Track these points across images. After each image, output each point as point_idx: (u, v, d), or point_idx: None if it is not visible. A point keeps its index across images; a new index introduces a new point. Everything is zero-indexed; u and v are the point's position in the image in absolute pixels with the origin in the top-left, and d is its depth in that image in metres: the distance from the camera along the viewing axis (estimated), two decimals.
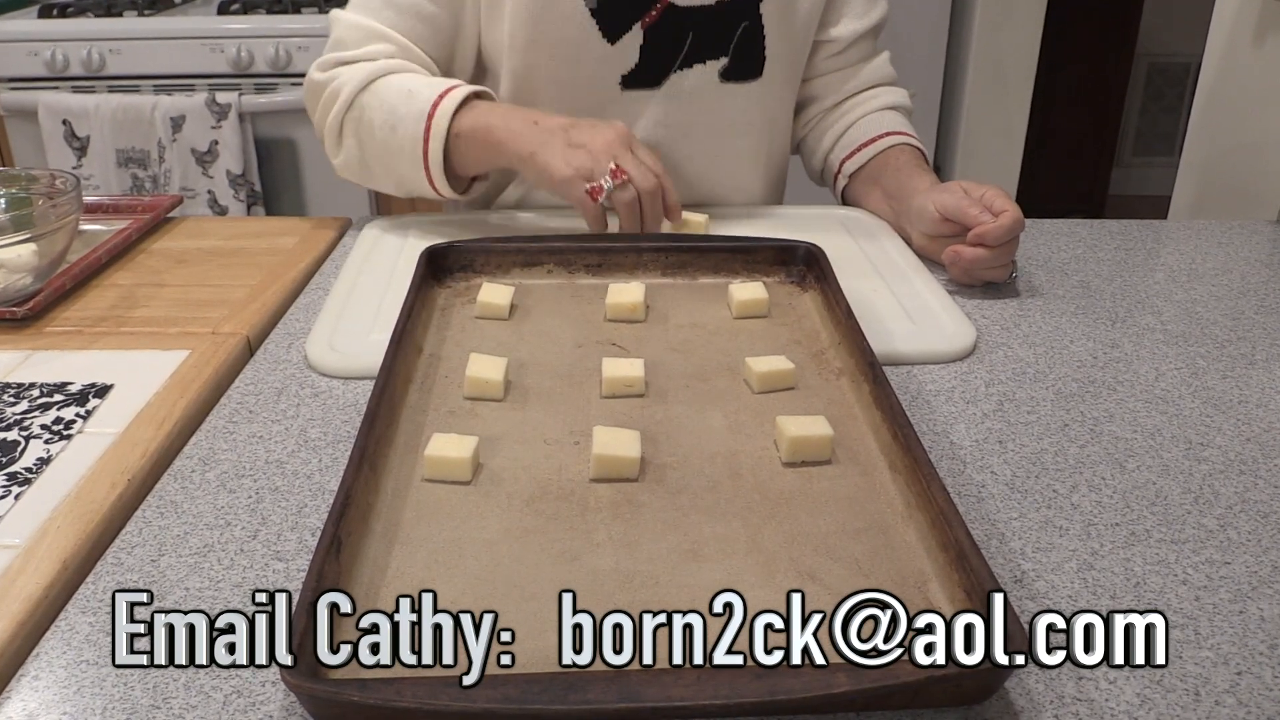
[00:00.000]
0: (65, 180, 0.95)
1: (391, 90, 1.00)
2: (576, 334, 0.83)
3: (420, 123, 0.97)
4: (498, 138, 0.96)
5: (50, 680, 0.52)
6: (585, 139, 0.92)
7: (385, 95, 1.00)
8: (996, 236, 0.91)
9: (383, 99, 1.00)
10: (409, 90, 0.99)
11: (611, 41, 1.03)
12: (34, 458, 0.68)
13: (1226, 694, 0.50)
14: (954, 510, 0.56)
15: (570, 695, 0.45)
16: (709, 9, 1.04)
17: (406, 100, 0.99)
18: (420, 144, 0.98)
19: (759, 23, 1.06)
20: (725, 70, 1.07)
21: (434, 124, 0.97)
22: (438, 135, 0.97)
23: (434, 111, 0.97)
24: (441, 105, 0.97)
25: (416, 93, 0.99)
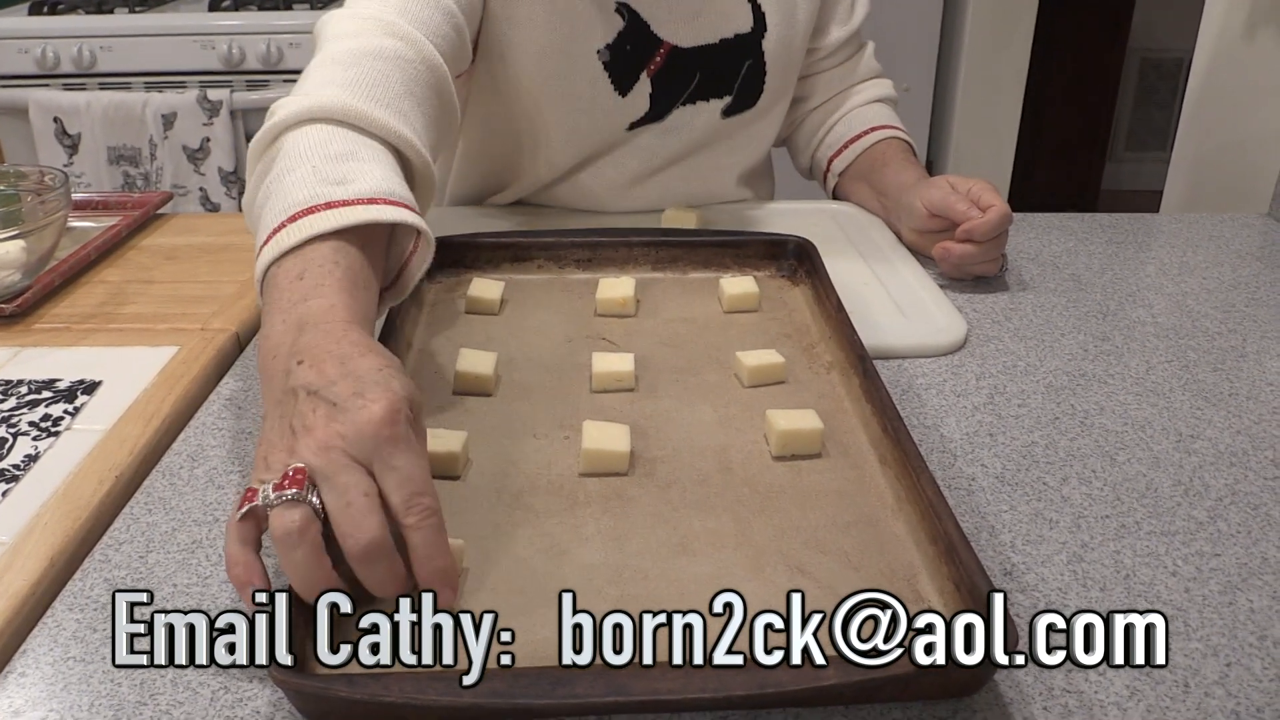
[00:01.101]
0: (54, 177, 0.95)
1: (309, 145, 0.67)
2: (566, 328, 0.82)
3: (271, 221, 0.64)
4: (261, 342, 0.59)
5: (37, 677, 0.51)
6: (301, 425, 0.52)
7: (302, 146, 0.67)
8: (984, 232, 0.91)
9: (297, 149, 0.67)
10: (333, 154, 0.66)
11: (623, 94, 1.02)
12: (22, 455, 0.68)
13: (1216, 685, 0.51)
14: (944, 503, 0.56)
15: (558, 689, 0.45)
16: (713, 48, 1.03)
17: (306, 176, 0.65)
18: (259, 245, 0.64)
19: (761, 60, 1.06)
20: (728, 108, 1.07)
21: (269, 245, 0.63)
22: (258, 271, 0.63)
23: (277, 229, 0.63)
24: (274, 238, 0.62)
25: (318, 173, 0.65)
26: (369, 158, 0.67)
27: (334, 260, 0.61)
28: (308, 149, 0.67)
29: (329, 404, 0.52)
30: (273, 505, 0.49)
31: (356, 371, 0.53)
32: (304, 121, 0.69)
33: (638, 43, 1.00)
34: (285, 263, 0.61)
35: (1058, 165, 3.54)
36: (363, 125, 0.70)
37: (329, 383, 0.53)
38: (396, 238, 0.70)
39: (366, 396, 0.51)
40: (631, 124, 1.04)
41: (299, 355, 0.55)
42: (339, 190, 0.63)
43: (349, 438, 0.50)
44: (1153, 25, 3.61)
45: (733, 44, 1.04)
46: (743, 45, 1.04)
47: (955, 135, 2.77)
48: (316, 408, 0.52)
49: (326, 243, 0.61)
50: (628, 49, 1.00)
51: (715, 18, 1.02)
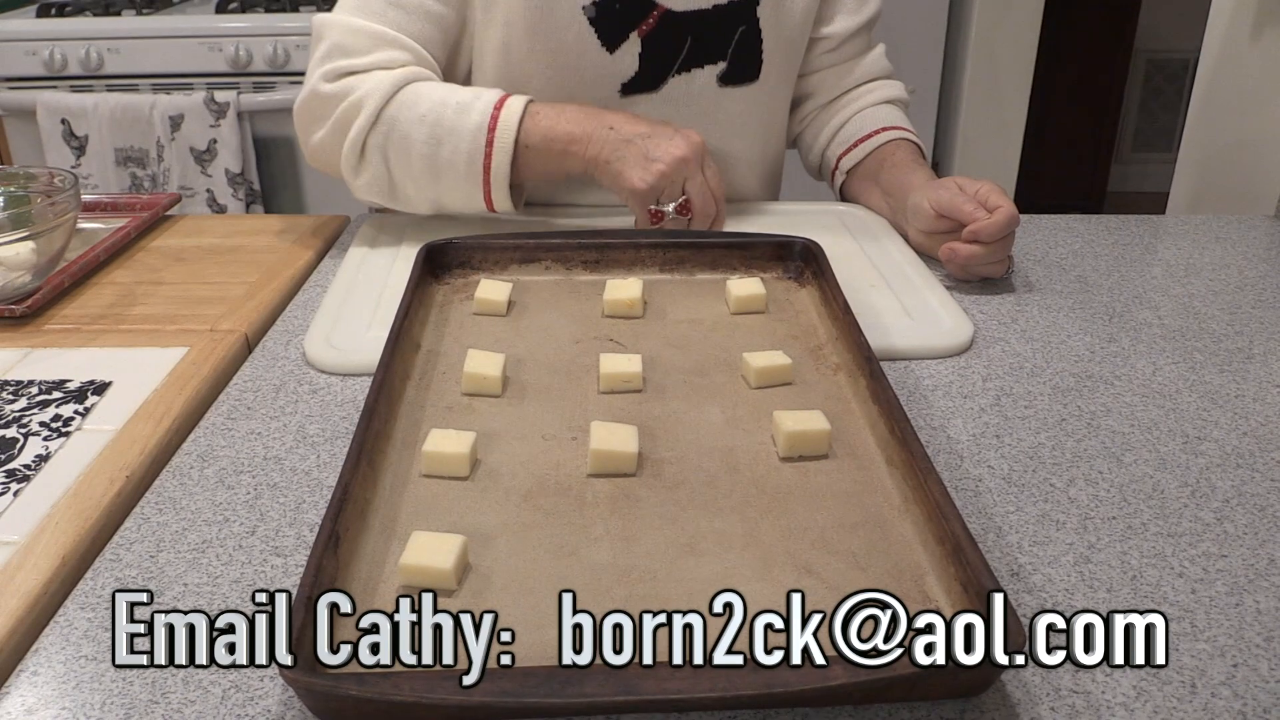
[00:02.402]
0: (63, 178, 0.95)
1: (427, 102, 0.96)
2: (574, 330, 0.83)
3: (479, 136, 0.94)
4: (573, 147, 0.95)
5: (49, 676, 0.52)
6: (661, 152, 0.94)
7: (421, 108, 0.95)
8: (991, 233, 0.91)
9: (419, 113, 0.95)
10: (454, 103, 0.95)
11: (610, 50, 1.02)
12: (33, 455, 0.69)
13: (1223, 686, 0.51)
14: (951, 504, 0.56)
15: (567, 689, 0.46)
16: (705, 13, 1.04)
17: (456, 114, 0.95)
18: (480, 159, 0.95)
19: (756, 26, 1.06)
20: (724, 74, 1.07)
21: (497, 137, 0.94)
22: (503, 149, 0.94)
23: (495, 124, 0.94)
24: (503, 117, 0.95)
25: (466, 105, 0.95)
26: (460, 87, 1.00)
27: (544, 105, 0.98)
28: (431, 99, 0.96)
29: (667, 139, 0.95)
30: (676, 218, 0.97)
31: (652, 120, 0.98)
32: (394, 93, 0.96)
33: (629, 1, 1.02)
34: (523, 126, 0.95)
35: (1064, 167, 3.53)
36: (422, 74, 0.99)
37: (649, 131, 0.96)
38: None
39: (686, 131, 0.97)
40: (623, 86, 1.05)
41: (608, 125, 0.96)
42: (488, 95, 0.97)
43: (696, 151, 0.96)
44: (1159, 26, 3.61)
45: (726, 10, 1.04)
46: (736, 11, 1.05)
47: (961, 136, 2.77)
48: (660, 143, 0.95)
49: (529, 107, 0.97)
50: (616, 7, 1.01)
51: None
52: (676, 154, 0.93)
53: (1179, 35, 3.64)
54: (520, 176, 0.98)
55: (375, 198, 1.00)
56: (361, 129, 0.95)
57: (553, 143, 0.95)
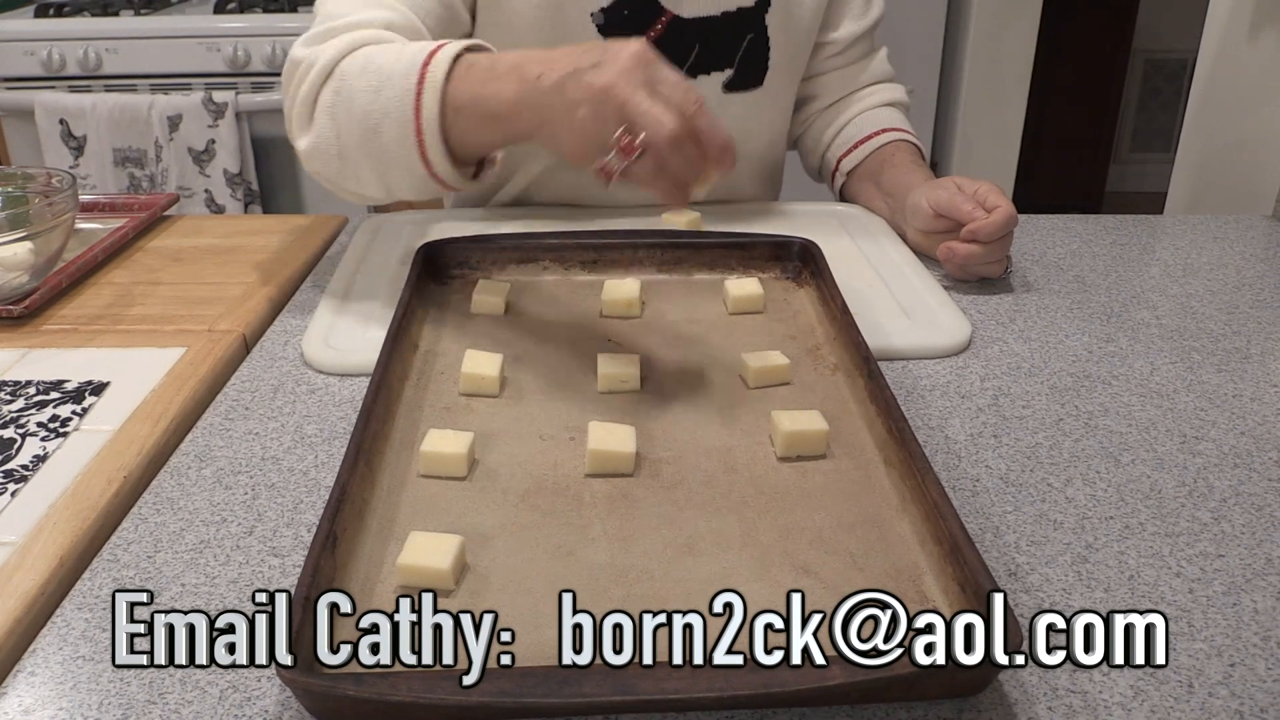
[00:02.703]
0: (61, 179, 0.95)
1: (380, 53, 0.82)
2: (572, 330, 0.83)
3: (411, 75, 0.79)
4: (505, 112, 0.75)
5: (46, 676, 0.52)
6: (581, 91, 0.69)
7: (373, 57, 0.82)
8: (989, 233, 0.91)
9: (369, 61, 0.82)
10: (398, 50, 0.82)
11: None
12: (30, 455, 0.68)
13: (1220, 685, 0.51)
14: (948, 504, 0.56)
15: (565, 688, 0.46)
16: (714, 20, 1.04)
17: (396, 56, 0.81)
18: (410, 104, 0.79)
19: (764, 34, 1.06)
20: (729, 81, 1.07)
21: (428, 76, 0.78)
22: (432, 89, 0.78)
23: (428, 62, 0.79)
24: (438, 55, 0.79)
25: (405, 51, 0.81)
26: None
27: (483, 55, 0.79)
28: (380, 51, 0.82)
29: (591, 67, 0.68)
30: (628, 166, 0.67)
31: (587, 46, 0.71)
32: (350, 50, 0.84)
33: (637, 8, 1.01)
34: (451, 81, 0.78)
35: (1062, 167, 3.54)
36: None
37: (581, 54, 0.70)
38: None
39: (614, 48, 0.69)
40: None
41: (535, 77, 0.72)
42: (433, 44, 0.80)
43: (626, 70, 0.67)
44: (1157, 26, 3.61)
45: (735, 16, 1.04)
46: (745, 18, 1.05)
47: (959, 136, 2.77)
48: (582, 76, 0.68)
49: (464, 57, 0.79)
50: (625, 13, 1.00)
51: None
52: (598, 85, 0.67)
53: (1177, 35, 3.64)
54: (459, 143, 0.81)
55: (321, 165, 0.87)
56: (313, 82, 0.84)
57: (483, 106, 0.77)
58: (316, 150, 0.85)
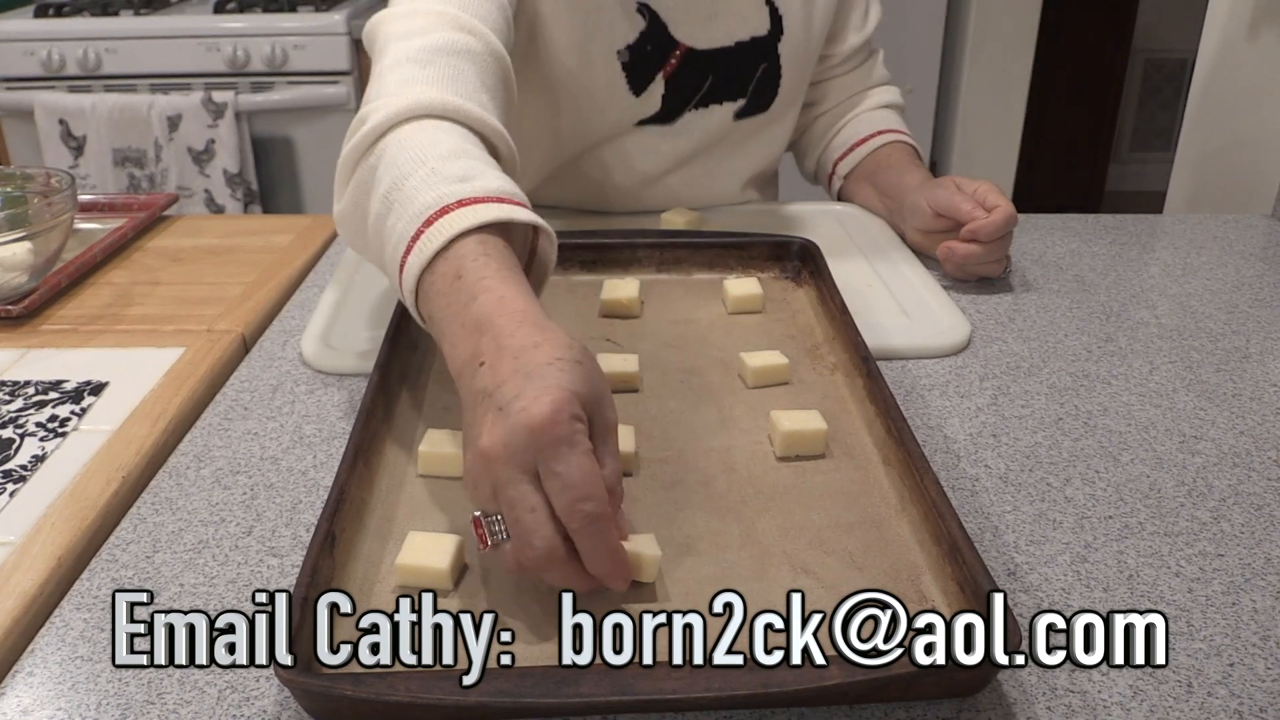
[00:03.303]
0: (60, 179, 0.95)
1: (420, 143, 0.67)
2: (571, 329, 0.82)
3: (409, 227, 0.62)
4: (443, 344, 0.60)
5: (45, 676, 0.52)
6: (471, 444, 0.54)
7: (410, 145, 0.67)
8: (989, 232, 0.91)
9: (402, 150, 0.67)
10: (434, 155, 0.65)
11: (637, 94, 1.02)
12: (29, 455, 0.68)
13: (1219, 685, 0.51)
14: (947, 504, 0.56)
15: (563, 688, 0.46)
16: (728, 51, 1.03)
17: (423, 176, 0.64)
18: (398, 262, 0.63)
19: (777, 63, 1.06)
20: (740, 110, 1.07)
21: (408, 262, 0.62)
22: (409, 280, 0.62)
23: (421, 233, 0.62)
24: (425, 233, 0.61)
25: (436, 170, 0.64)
26: (478, 155, 0.67)
27: (484, 253, 0.60)
28: (419, 150, 0.66)
29: (496, 409, 0.52)
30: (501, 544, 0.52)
31: (526, 368, 0.53)
32: (402, 122, 0.68)
33: (656, 43, 1.00)
34: (437, 267, 0.60)
35: (1062, 166, 3.53)
36: (459, 119, 0.70)
37: (499, 383, 0.53)
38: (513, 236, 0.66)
39: (526, 398, 0.51)
40: (640, 121, 1.04)
41: (480, 357, 0.55)
42: (466, 187, 0.62)
43: (511, 445, 0.50)
44: (1157, 26, 3.61)
45: (748, 47, 1.04)
46: (758, 49, 1.04)
47: (959, 136, 2.77)
48: (488, 413, 0.52)
49: (470, 238, 0.60)
50: (647, 49, 1.00)
51: (732, 20, 1.02)
52: (479, 448, 0.52)
53: (1177, 35, 3.64)
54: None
55: (346, 235, 0.74)
56: (360, 145, 0.70)
57: (436, 330, 0.61)
58: (343, 221, 0.73)
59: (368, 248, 0.70)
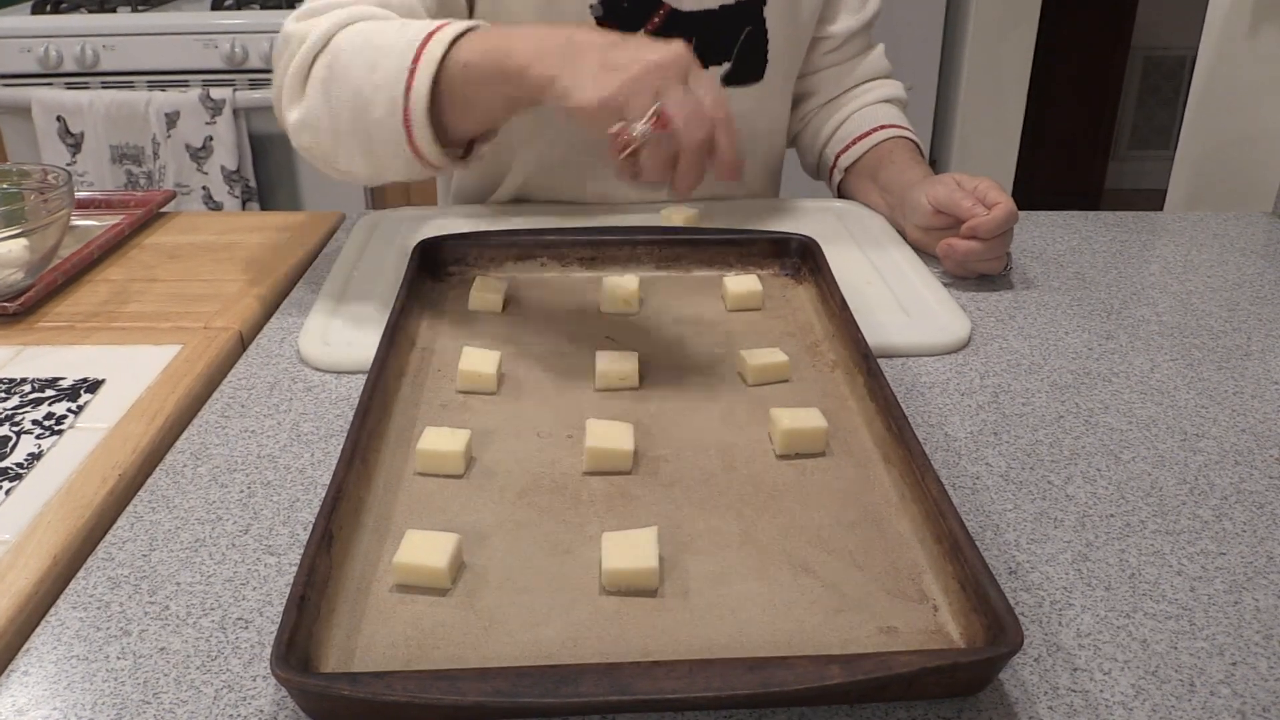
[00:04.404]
0: (57, 175, 0.95)
1: (379, 30, 0.79)
2: (570, 327, 0.82)
3: (407, 53, 0.75)
4: (517, 60, 0.71)
5: (40, 675, 0.51)
6: (625, 59, 0.67)
7: (371, 32, 0.79)
8: (989, 229, 0.90)
9: (367, 35, 0.79)
10: (400, 26, 0.79)
11: None
12: (25, 453, 0.68)
13: (1221, 684, 0.50)
14: (948, 502, 0.56)
15: (562, 688, 0.45)
16: (712, 13, 1.03)
17: (397, 32, 0.77)
18: (403, 81, 0.75)
19: (762, 26, 1.05)
20: (728, 75, 1.06)
21: (425, 52, 0.74)
22: (427, 65, 0.74)
23: (428, 39, 0.75)
24: (439, 33, 0.75)
25: (407, 28, 0.78)
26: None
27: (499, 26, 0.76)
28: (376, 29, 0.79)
29: (638, 46, 0.68)
30: (649, 141, 0.66)
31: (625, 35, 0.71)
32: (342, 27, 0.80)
33: (636, 0, 1.00)
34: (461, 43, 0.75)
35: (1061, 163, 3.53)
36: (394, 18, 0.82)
37: (616, 40, 0.69)
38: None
39: (659, 42, 0.69)
40: None
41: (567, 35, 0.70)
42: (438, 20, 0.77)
43: (674, 60, 0.67)
44: (1156, 23, 3.61)
45: (733, 9, 1.04)
46: (743, 11, 1.04)
47: (959, 133, 2.77)
48: (628, 50, 0.68)
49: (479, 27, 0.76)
50: (624, 5, 1.00)
51: None
52: (648, 58, 0.67)
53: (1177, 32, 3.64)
54: (451, 114, 0.77)
55: (309, 139, 0.84)
56: (305, 57, 0.81)
57: (491, 57, 0.72)
58: (306, 124, 0.82)
59: (339, 127, 0.80)
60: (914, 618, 0.53)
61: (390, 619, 0.52)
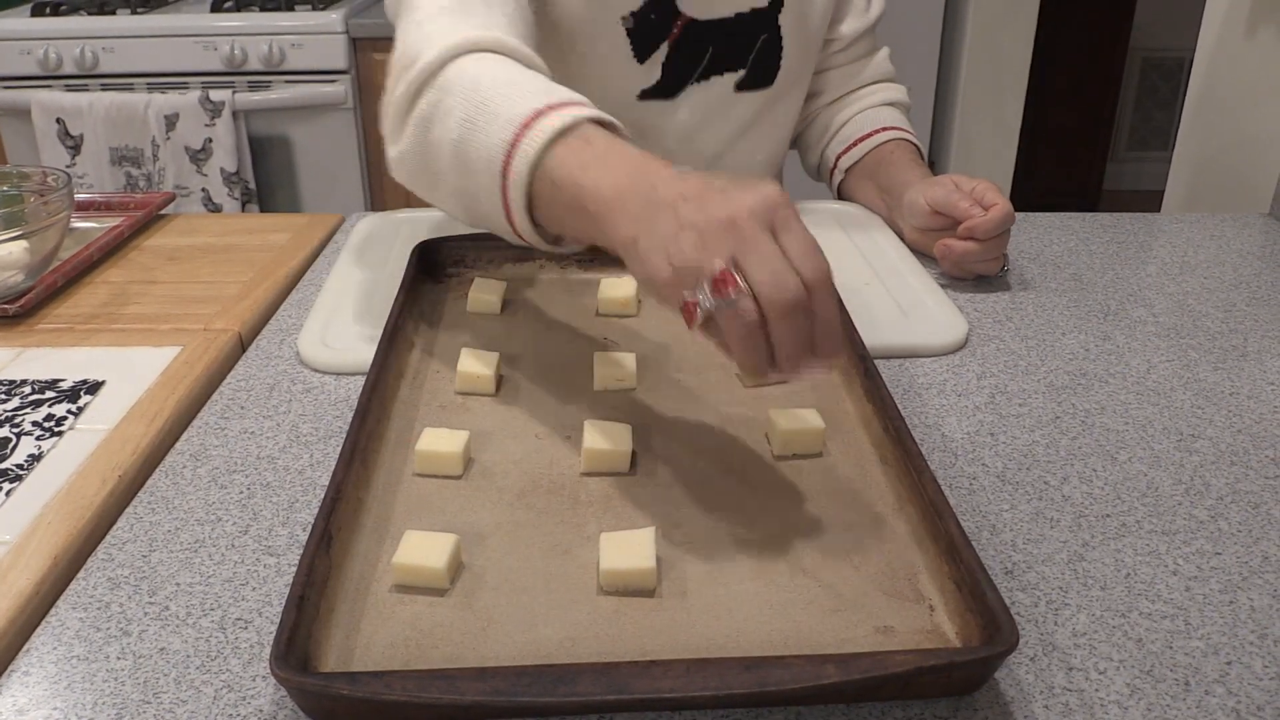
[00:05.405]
0: (57, 177, 0.95)
1: (488, 77, 0.70)
2: (568, 328, 0.83)
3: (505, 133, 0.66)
4: (595, 205, 0.62)
5: (41, 676, 0.52)
6: (701, 216, 0.56)
7: (480, 80, 0.70)
8: (986, 230, 0.91)
9: (476, 82, 0.70)
10: (507, 82, 0.69)
11: (641, 61, 1.02)
12: (25, 454, 0.68)
13: (1216, 683, 0.51)
14: (945, 502, 0.56)
15: (559, 687, 0.45)
16: (728, 22, 1.03)
17: (501, 95, 0.68)
18: (498, 166, 0.66)
19: (777, 34, 1.06)
20: (741, 81, 1.07)
21: (520, 147, 0.65)
22: (521, 166, 0.65)
23: (524, 129, 0.65)
24: (537, 123, 0.65)
25: (518, 85, 0.69)
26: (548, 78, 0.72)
27: (605, 134, 0.65)
28: (490, 76, 0.70)
29: (719, 193, 0.56)
30: (720, 308, 0.54)
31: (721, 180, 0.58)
32: (455, 56, 0.72)
33: (660, 12, 1.00)
34: (557, 147, 0.64)
35: (1059, 165, 3.54)
36: (509, 54, 0.74)
37: (707, 185, 0.57)
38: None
39: (748, 185, 0.57)
40: (642, 93, 1.04)
41: (652, 184, 0.59)
42: (553, 96, 0.67)
43: (756, 209, 0.55)
44: (1154, 25, 3.61)
45: (748, 18, 1.04)
46: (759, 19, 1.04)
47: (957, 134, 2.77)
48: (705, 202, 0.56)
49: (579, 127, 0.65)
50: (651, 18, 1.00)
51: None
52: (719, 215, 0.55)
53: (1174, 34, 3.64)
54: (549, 221, 0.68)
55: (406, 179, 0.77)
56: (412, 85, 0.72)
57: (571, 192, 0.63)
58: (403, 163, 0.75)
59: (437, 182, 0.73)
60: (910, 617, 0.53)
61: (389, 619, 0.53)
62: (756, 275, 0.53)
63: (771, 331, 0.54)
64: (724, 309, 0.54)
